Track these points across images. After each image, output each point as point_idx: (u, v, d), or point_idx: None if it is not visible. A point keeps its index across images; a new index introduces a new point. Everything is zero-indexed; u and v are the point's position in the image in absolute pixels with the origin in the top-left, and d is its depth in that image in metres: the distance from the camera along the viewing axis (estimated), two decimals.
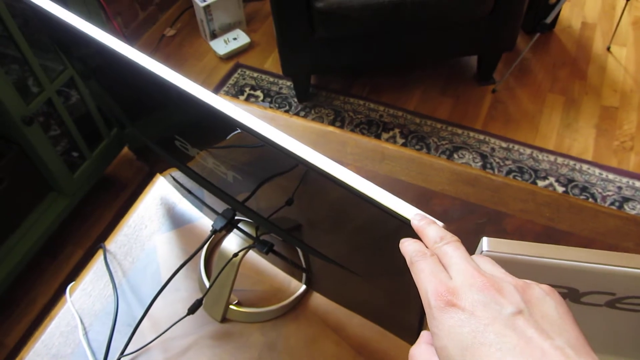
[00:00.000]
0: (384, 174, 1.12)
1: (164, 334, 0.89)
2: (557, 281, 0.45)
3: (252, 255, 1.00)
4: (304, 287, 0.93)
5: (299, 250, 0.82)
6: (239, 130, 0.54)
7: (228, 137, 0.59)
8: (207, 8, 2.55)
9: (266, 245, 0.81)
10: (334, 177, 0.49)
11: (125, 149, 2.07)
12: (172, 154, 0.79)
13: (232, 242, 0.86)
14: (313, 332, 0.89)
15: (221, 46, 2.61)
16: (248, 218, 0.81)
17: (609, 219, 1.03)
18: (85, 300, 0.95)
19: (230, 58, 2.62)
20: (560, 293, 0.46)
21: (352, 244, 0.63)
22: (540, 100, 2.30)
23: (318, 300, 0.93)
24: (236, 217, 0.83)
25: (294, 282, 0.95)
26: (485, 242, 0.43)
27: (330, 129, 1.20)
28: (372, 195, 0.48)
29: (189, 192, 0.95)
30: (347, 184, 0.48)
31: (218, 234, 1.00)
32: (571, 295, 0.46)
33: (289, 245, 0.84)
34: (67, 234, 1.94)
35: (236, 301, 0.93)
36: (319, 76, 2.45)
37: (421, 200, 1.07)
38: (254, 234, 0.83)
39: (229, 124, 0.54)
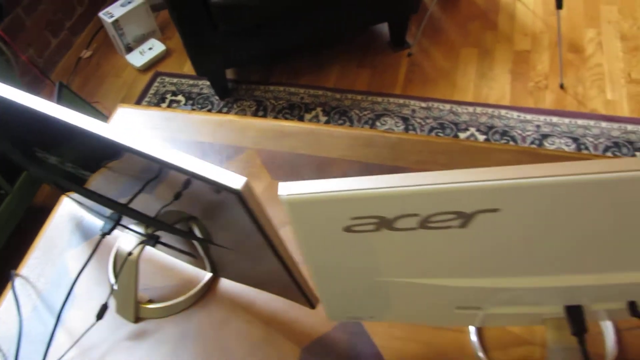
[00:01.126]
0: (284, 151, 1.14)
1: (82, 345, 0.90)
2: (363, 212, 0.47)
3: (159, 253, 1.01)
4: (209, 274, 0.94)
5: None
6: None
7: (88, 148, 0.61)
8: (115, 23, 2.53)
9: (153, 239, 0.82)
10: (147, 154, 0.50)
11: None
12: (52, 173, 0.79)
13: (128, 243, 0.87)
14: (223, 314, 0.91)
15: (137, 58, 2.59)
16: (131, 218, 0.82)
17: (501, 155, 1.07)
18: (2, 327, 0.95)
19: (149, 68, 2.60)
20: (371, 224, 0.49)
21: (206, 219, 0.64)
22: (455, 56, 2.34)
23: (226, 284, 0.95)
24: (123, 219, 0.85)
25: (202, 272, 0.96)
26: (280, 187, 0.45)
27: (230, 117, 1.22)
28: (193, 169, 0.49)
29: (84, 205, 0.96)
30: (162, 160, 0.50)
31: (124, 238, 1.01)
32: (384, 223, 0.48)
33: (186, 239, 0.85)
34: (7, 269, 1.92)
35: (148, 299, 0.94)
36: (238, 70, 2.45)
37: (321, 168, 1.09)
38: (143, 231, 0.84)
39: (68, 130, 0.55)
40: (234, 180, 0.47)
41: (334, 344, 0.86)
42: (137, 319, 0.92)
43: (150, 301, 0.94)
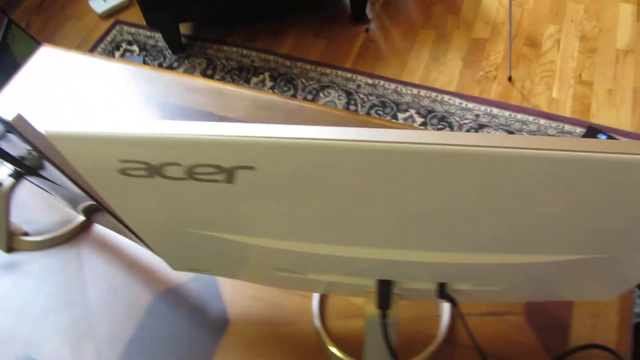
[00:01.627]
0: (187, 106, 1.15)
1: None
2: (127, 156, 0.49)
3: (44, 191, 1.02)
4: (82, 217, 0.96)
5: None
6: None
7: None
8: None
9: (16, 173, 0.84)
10: None
11: None
12: None
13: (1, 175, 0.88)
14: (90, 255, 0.93)
15: (99, 4, 2.57)
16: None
17: None
18: None
19: (111, 15, 2.58)
20: (141, 169, 0.50)
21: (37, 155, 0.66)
22: (412, 36, 2.34)
23: (98, 228, 0.97)
24: None
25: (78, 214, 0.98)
26: (47, 123, 0.46)
27: (146, 68, 1.22)
28: None
29: None
30: None
31: None
32: (153, 170, 0.50)
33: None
34: None
35: (24, 232, 0.96)
36: (196, 26, 2.44)
37: None
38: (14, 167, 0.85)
39: None
40: (8, 112, 0.48)
41: (185, 294, 0.88)
42: (10, 249, 0.95)
43: (26, 234, 0.96)
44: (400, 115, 2.01)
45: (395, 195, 0.50)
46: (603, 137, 1.95)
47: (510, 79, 2.16)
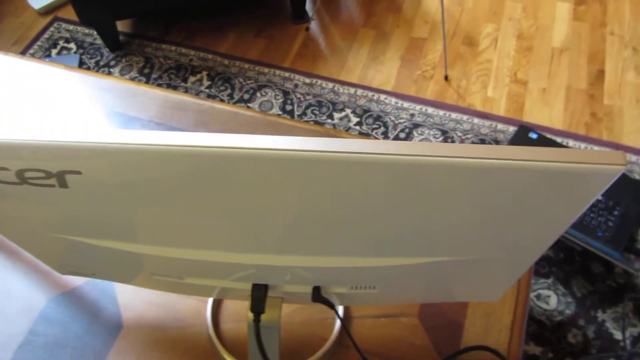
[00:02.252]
0: (94, 105, 1.14)
1: None
2: None
3: None
4: None
5: None
6: None
7: None
8: None
9: None
10: None
11: None
12: None
13: None
14: None
15: (38, 0, 2.53)
16: None
17: (302, 134, 1.10)
18: None
19: (50, 12, 2.54)
20: None
21: None
22: (352, 35, 2.36)
23: None
24: None
25: None
26: None
27: (59, 67, 1.21)
28: None
29: None
30: None
31: None
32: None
33: None
34: None
35: None
36: (135, 24, 2.42)
37: (125, 126, 1.10)
38: None
39: None
40: None
41: (81, 297, 0.88)
42: None
43: None
44: (336, 115, 2.02)
45: (244, 201, 0.51)
46: (534, 135, 1.99)
47: (446, 78, 2.19)
